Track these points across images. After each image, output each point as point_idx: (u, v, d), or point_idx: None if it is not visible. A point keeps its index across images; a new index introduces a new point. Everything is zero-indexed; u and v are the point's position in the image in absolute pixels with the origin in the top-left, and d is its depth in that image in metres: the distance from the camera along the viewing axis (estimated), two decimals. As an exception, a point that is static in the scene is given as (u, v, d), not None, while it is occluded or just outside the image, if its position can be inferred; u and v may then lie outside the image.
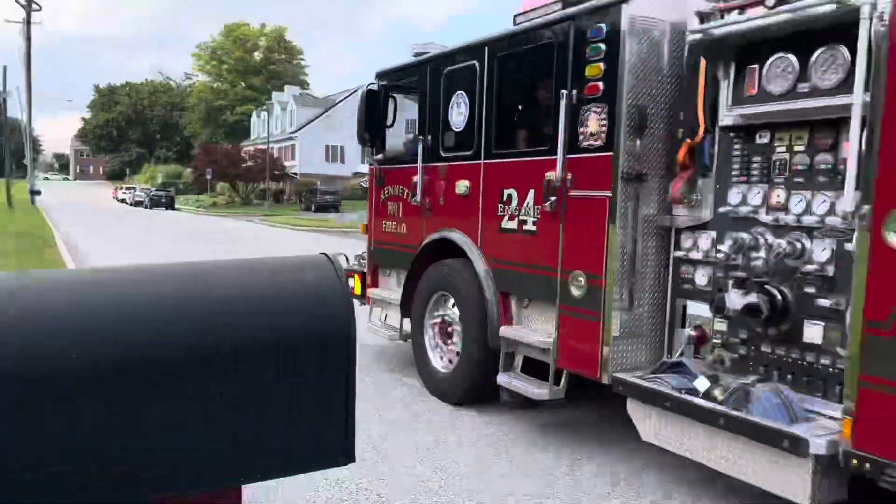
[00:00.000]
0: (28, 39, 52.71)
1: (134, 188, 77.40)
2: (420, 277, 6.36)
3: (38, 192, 55.24)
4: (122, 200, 73.22)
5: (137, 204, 64.36)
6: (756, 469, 3.66)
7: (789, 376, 3.90)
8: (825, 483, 3.44)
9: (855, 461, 3.22)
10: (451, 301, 6.01)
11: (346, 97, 78.32)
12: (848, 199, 3.32)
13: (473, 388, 5.72)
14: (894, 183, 3.07)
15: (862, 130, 3.26)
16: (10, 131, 70.94)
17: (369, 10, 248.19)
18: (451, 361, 6.00)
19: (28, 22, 54.57)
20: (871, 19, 3.15)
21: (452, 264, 5.96)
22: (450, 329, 6.04)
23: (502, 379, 5.38)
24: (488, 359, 5.57)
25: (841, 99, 3.48)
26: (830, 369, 3.66)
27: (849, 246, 3.46)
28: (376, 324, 7.07)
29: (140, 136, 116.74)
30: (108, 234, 24.23)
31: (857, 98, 3.26)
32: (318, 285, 1.81)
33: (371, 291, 7.26)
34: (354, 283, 7.53)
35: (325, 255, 1.89)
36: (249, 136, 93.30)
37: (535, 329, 5.26)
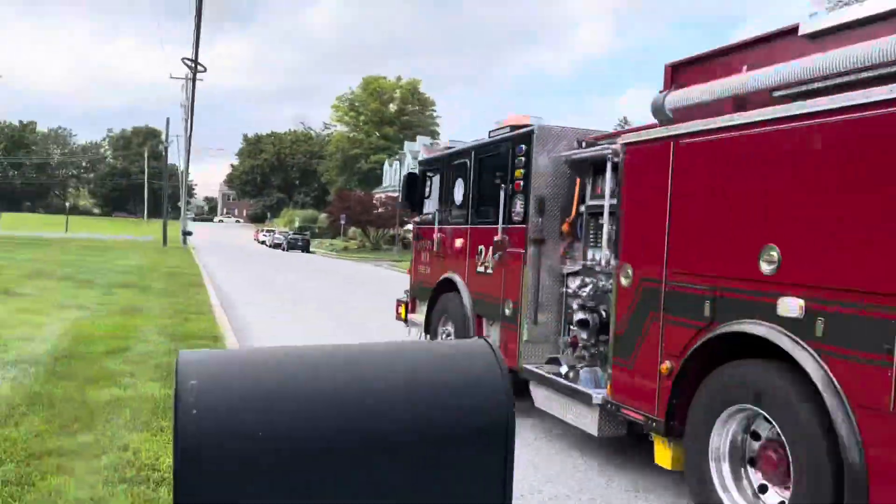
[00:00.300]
0: (192, 97, 56.90)
1: (273, 231, 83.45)
2: (435, 305, 9.25)
3: (190, 234, 60.55)
4: (262, 242, 78.72)
5: (276, 246, 69.36)
6: (578, 417, 6.34)
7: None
8: (607, 422, 6.08)
9: (609, 405, 5.89)
10: (451, 322, 8.86)
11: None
12: (604, 256, 6.03)
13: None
14: (626, 249, 5.77)
15: (610, 219, 5.98)
16: (168, 176, 76.15)
17: (502, 61, 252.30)
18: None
19: (193, 80, 56.82)
20: (610, 161, 5.90)
21: (452, 297, 8.81)
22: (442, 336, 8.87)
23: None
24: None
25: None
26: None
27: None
28: (413, 339, 9.99)
29: (281, 181, 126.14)
30: (252, 279, 26.84)
31: (606, 202, 5.99)
32: (481, 374, 1.90)
33: (410, 316, 10.19)
34: (402, 310, 10.50)
35: (486, 341, 2.09)
36: (381, 183, 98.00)
37: (493, 338, 8.04)
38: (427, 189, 9.86)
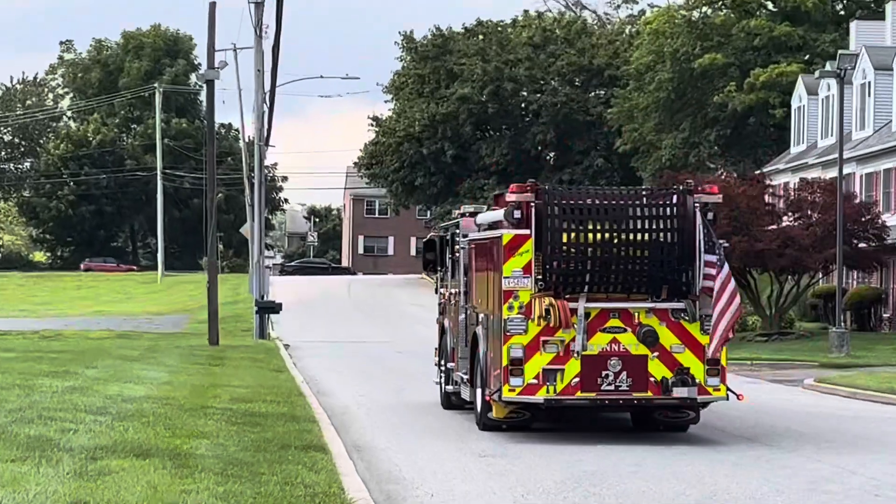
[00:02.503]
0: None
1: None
2: (440, 341, 26.43)
3: (274, 309, 55.44)
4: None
5: None
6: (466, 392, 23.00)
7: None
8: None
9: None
10: (444, 357, 26.02)
11: None
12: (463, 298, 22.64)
13: (445, 394, 25.30)
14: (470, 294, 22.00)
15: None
16: (214, 158, 57.66)
17: None
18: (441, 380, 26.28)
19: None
20: (464, 249, 22.00)
21: (443, 336, 25.16)
22: (444, 365, 25.36)
23: (447, 388, 24.64)
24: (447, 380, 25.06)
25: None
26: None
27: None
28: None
29: (506, 153, 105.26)
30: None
31: (461, 266, 21.61)
32: None
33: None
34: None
35: None
36: (787, 145, 75.80)
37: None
38: (440, 254, 26.93)
